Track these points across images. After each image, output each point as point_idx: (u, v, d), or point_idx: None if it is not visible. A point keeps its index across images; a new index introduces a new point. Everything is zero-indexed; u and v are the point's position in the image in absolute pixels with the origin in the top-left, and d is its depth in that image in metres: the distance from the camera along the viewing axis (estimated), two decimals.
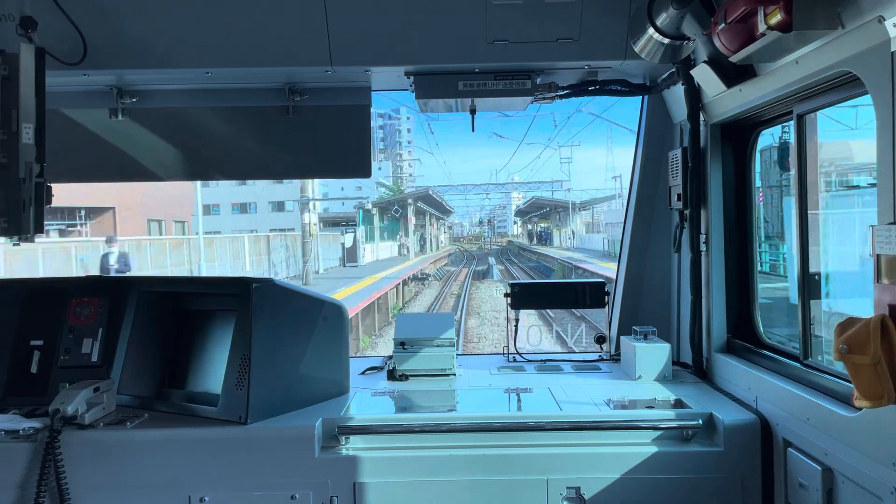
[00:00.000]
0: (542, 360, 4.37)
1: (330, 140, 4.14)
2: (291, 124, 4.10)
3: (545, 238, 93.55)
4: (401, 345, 3.99)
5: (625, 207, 4.72)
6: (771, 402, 3.11)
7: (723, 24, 2.74)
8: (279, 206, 64.70)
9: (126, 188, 34.44)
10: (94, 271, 19.87)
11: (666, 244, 4.32)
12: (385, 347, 20.73)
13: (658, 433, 3.16)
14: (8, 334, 3.57)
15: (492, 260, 60.10)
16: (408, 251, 57.99)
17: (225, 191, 61.72)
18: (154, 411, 3.36)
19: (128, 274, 16.90)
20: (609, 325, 4.58)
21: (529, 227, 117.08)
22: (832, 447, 2.63)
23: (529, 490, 3.11)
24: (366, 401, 3.58)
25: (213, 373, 3.38)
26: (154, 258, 29.22)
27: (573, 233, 74.40)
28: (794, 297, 3.13)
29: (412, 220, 56.90)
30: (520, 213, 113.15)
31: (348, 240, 44.50)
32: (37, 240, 3.29)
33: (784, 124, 3.52)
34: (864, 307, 2.34)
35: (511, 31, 3.61)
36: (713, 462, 3.09)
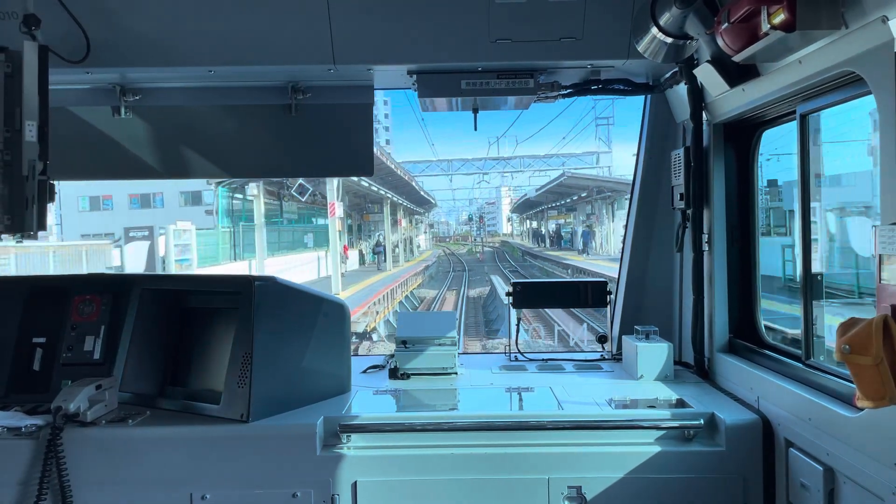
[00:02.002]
0: (543, 360, 4.37)
1: (332, 138, 4.15)
2: (294, 122, 4.11)
3: (584, 241, 57.10)
4: (402, 343, 3.99)
5: (627, 207, 4.72)
6: (773, 402, 3.11)
7: (726, 24, 2.73)
8: (194, 198, 51.91)
9: None
10: None
11: (668, 244, 4.32)
12: None
13: (660, 433, 3.16)
14: (10, 331, 3.58)
15: (497, 282, 35.74)
16: (344, 272, 30.97)
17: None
18: (156, 409, 3.37)
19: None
20: (611, 325, 4.57)
21: (534, 224, 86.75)
22: (834, 447, 2.62)
23: (531, 489, 3.11)
24: (367, 399, 3.58)
25: (215, 371, 3.38)
26: None
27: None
28: None
29: (336, 208, 28.63)
30: (525, 205, 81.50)
31: (132, 256, 22.74)
32: None
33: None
34: None
35: (514, 30, 3.61)
36: (715, 462, 3.09)
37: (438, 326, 4.06)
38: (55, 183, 3.27)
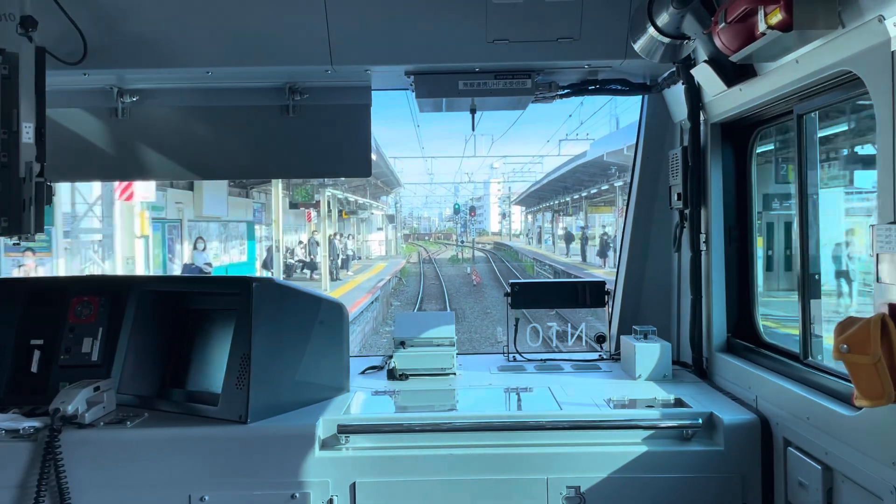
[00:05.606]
0: (541, 360, 4.37)
1: (330, 139, 4.15)
2: (291, 124, 4.11)
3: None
4: (401, 344, 3.99)
5: (625, 207, 4.73)
6: (771, 401, 3.11)
7: (723, 24, 2.74)
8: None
9: None
10: None
11: (666, 243, 4.32)
12: None
13: (658, 432, 3.16)
14: (8, 334, 3.57)
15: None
16: None
17: None
18: (154, 410, 3.36)
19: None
20: (609, 325, 4.58)
21: (569, 222, 52.06)
22: (832, 446, 2.63)
23: (529, 489, 3.11)
24: (366, 400, 3.58)
25: (214, 372, 3.38)
26: None
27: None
28: None
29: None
30: (540, 193, 55.18)
31: None
32: None
33: None
34: None
35: (511, 31, 3.61)
36: (713, 461, 3.09)
37: (436, 327, 4.07)
38: (52, 185, 3.27)
